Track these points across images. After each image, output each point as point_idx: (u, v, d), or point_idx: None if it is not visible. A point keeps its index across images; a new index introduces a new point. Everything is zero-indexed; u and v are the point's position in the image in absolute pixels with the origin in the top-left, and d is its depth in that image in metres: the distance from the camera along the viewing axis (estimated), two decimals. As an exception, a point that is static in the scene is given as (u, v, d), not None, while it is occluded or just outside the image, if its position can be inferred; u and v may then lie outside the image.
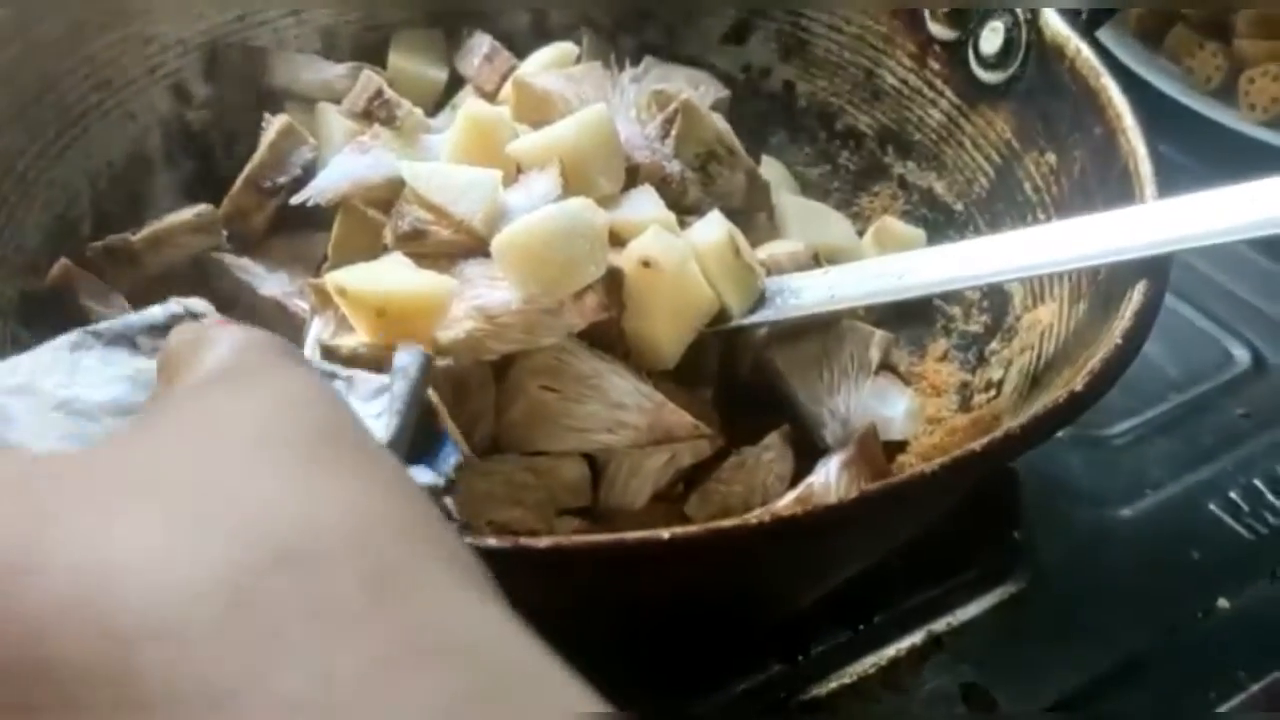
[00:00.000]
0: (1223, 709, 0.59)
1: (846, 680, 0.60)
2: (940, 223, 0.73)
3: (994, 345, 0.67)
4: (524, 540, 0.42)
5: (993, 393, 0.64)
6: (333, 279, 0.53)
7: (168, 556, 0.24)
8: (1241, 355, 0.79)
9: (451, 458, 0.38)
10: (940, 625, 0.62)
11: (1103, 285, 0.58)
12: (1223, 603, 0.64)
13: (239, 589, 0.24)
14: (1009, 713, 0.59)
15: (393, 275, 0.54)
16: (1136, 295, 0.53)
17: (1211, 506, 0.69)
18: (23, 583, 0.24)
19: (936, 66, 0.73)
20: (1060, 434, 0.69)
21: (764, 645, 0.59)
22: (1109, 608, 0.63)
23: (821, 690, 0.59)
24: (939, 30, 0.73)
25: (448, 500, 0.37)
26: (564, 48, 0.73)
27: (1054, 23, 0.67)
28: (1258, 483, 0.70)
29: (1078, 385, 0.49)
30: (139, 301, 0.58)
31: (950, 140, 0.73)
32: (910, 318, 0.71)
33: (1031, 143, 0.68)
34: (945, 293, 0.69)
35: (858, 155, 0.77)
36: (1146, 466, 0.72)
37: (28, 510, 0.26)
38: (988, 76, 0.71)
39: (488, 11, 0.78)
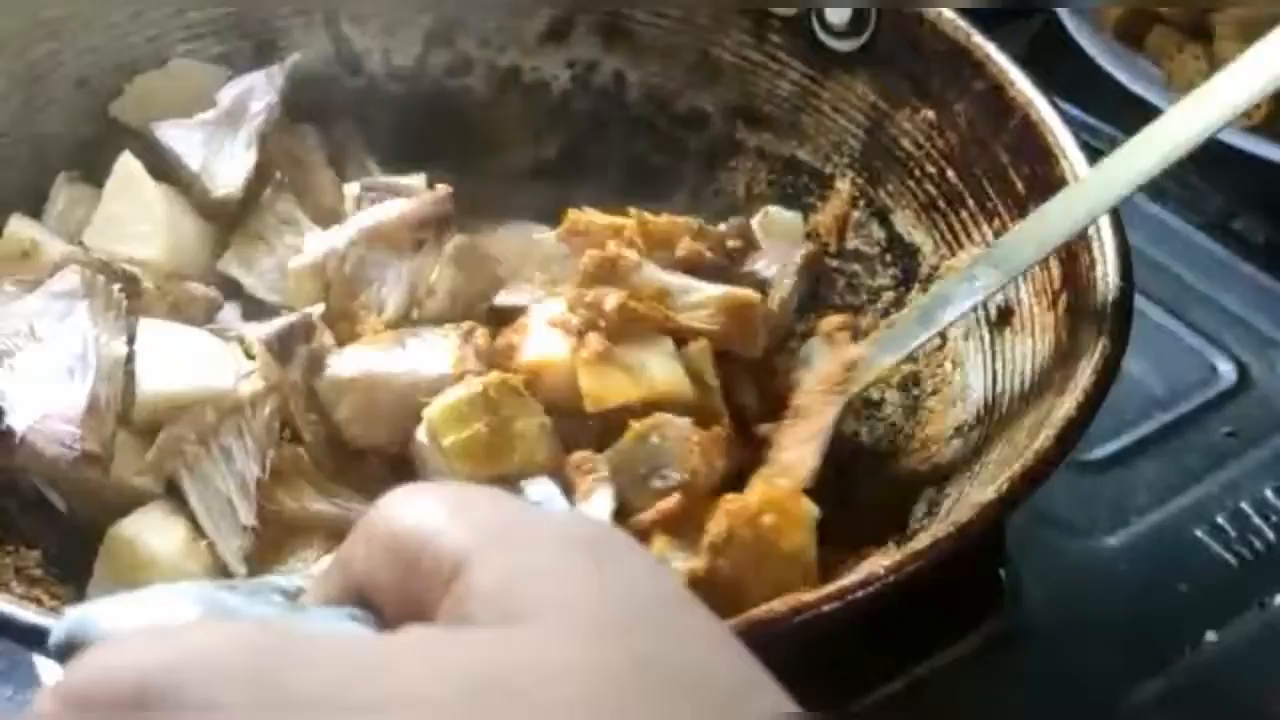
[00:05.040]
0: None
1: (831, 730, 0.59)
2: (810, 187, 0.73)
3: (916, 295, 0.68)
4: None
5: (936, 340, 0.65)
6: None
7: None
8: (1227, 370, 0.78)
9: None
10: (924, 669, 0.61)
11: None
12: (1210, 636, 0.63)
13: None
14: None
15: None
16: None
17: (1198, 533, 0.68)
18: None
19: (778, 40, 0.73)
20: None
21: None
22: (1095, 647, 0.62)
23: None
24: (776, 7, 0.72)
25: None
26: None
27: None
28: (1244, 506, 0.69)
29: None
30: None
31: (808, 108, 0.72)
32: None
33: (901, 101, 0.69)
34: (840, 251, 0.71)
35: (704, 135, 0.76)
36: (1131, 491, 0.70)
37: None
38: (839, 45, 0.71)
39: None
